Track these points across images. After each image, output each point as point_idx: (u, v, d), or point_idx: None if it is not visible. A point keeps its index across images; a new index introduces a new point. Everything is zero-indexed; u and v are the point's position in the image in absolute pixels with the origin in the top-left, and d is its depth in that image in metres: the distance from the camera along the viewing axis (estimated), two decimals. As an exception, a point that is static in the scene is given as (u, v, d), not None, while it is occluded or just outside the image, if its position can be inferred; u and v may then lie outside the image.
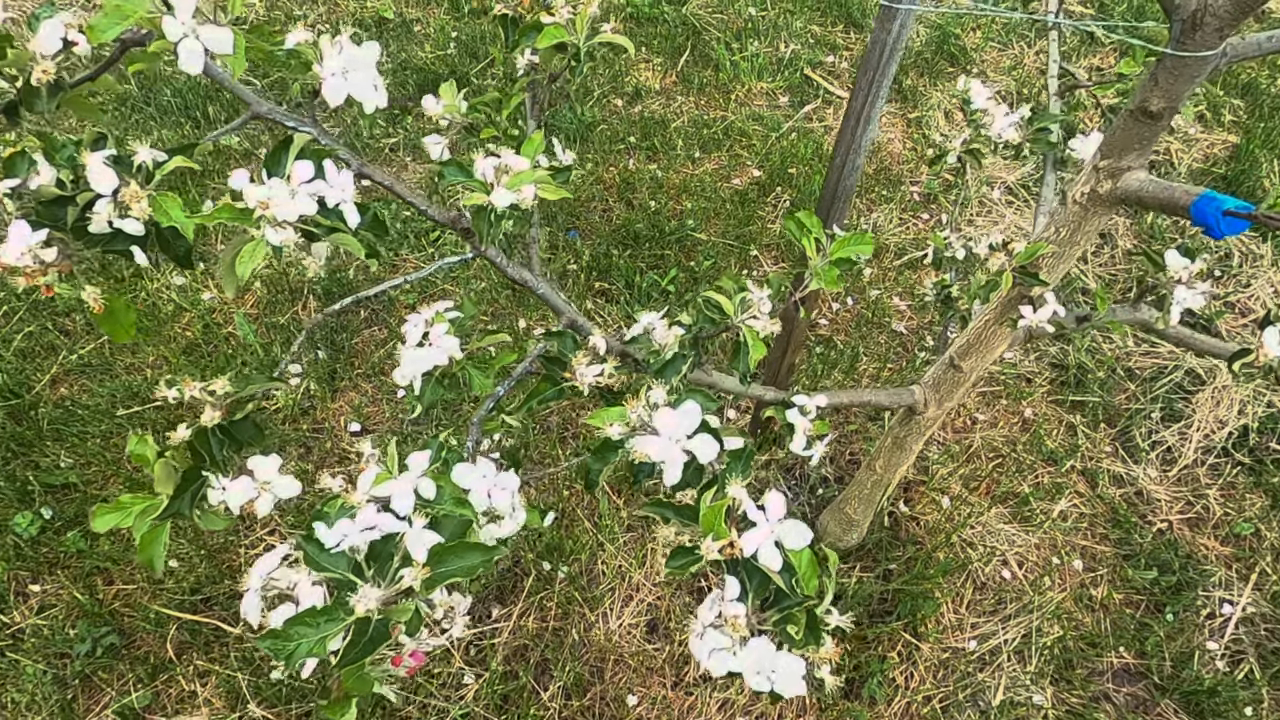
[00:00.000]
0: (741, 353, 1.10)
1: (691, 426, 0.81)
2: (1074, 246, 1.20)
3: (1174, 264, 1.26)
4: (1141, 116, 1.04)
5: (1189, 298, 1.26)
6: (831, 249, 1.30)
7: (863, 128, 1.36)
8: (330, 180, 0.86)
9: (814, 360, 2.38)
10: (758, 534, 0.73)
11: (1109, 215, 1.15)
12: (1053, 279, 1.25)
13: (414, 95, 3.05)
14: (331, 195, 0.85)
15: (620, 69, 3.26)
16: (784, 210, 2.85)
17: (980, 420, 2.37)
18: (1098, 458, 2.33)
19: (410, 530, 0.68)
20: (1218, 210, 0.95)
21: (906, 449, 1.62)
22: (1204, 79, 1.00)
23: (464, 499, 0.78)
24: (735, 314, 1.15)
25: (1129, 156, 1.08)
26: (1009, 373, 2.48)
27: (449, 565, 0.67)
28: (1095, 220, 1.15)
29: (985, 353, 1.39)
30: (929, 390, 1.51)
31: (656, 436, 0.81)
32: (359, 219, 0.90)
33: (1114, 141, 1.08)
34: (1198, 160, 3.18)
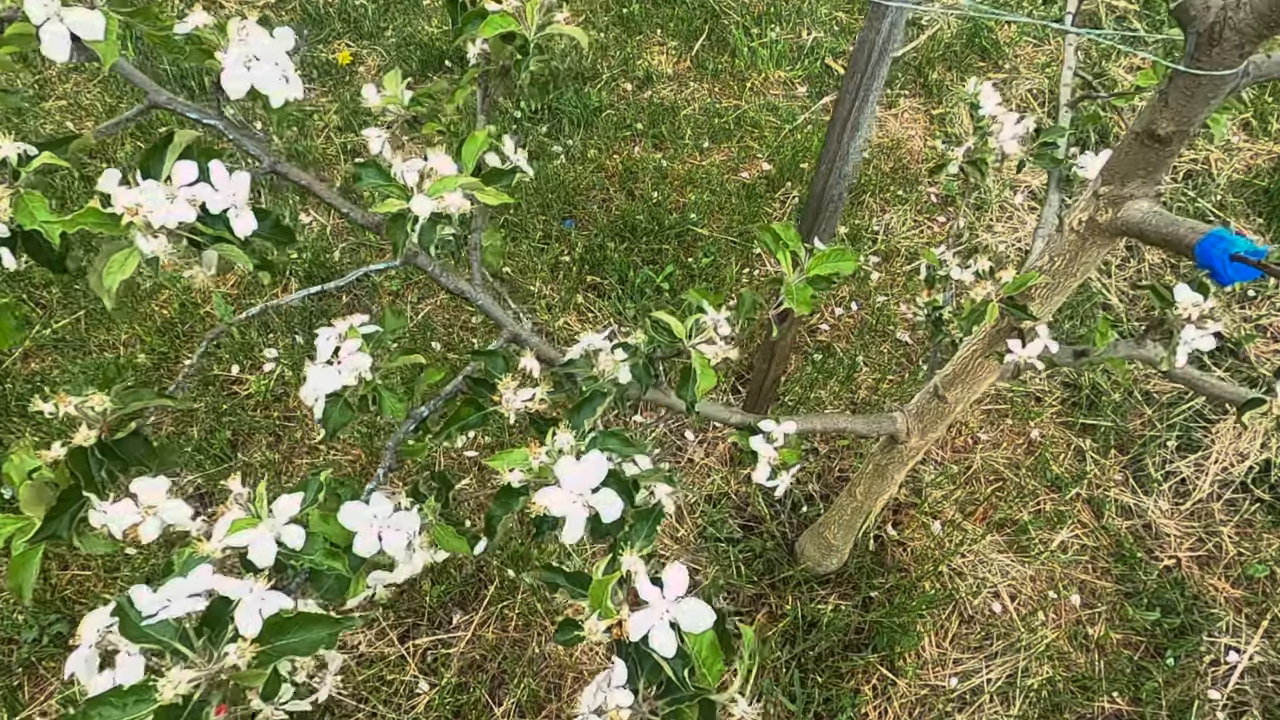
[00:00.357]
0: (690, 380, 1.01)
1: (596, 480, 0.72)
2: (1070, 278, 1.08)
3: (1184, 300, 1.14)
4: (1148, 140, 0.92)
5: (1198, 339, 1.14)
6: (809, 265, 1.20)
7: (850, 134, 1.25)
8: (217, 183, 0.77)
9: (809, 369, 2.27)
10: (649, 615, 0.64)
11: (1110, 246, 1.03)
12: (1045, 312, 1.14)
13: (417, 73, 2.96)
14: (216, 200, 0.77)
15: (632, 51, 3.14)
16: (793, 207, 2.73)
17: (983, 440, 2.25)
18: (1106, 486, 2.20)
19: (247, 596, 0.60)
20: (1225, 253, 0.83)
21: (888, 478, 1.52)
22: (1222, 101, 0.88)
23: (336, 551, 0.70)
24: (686, 337, 1.05)
25: (1133, 183, 0.96)
26: (1018, 391, 2.35)
27: (289, 638, 0.59)
28: (1094, 251, 1.04)
29: (972, 384, 1.28)
30: (912, 419, 1.40)
31: (558, 488, 0.72)
32: (254, 225, 0.81)
33: (1117, 166, 0.97)
34: (1239, 171, 3.00)
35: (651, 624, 0.64)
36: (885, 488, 1.54)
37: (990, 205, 2.83)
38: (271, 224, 0.84)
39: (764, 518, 1.90)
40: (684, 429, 2.14)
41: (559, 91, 2.92)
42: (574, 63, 3.03)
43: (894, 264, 2.63)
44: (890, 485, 1.54)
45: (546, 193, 2.62)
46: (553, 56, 3.03)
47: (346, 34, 3.06)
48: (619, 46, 3.14)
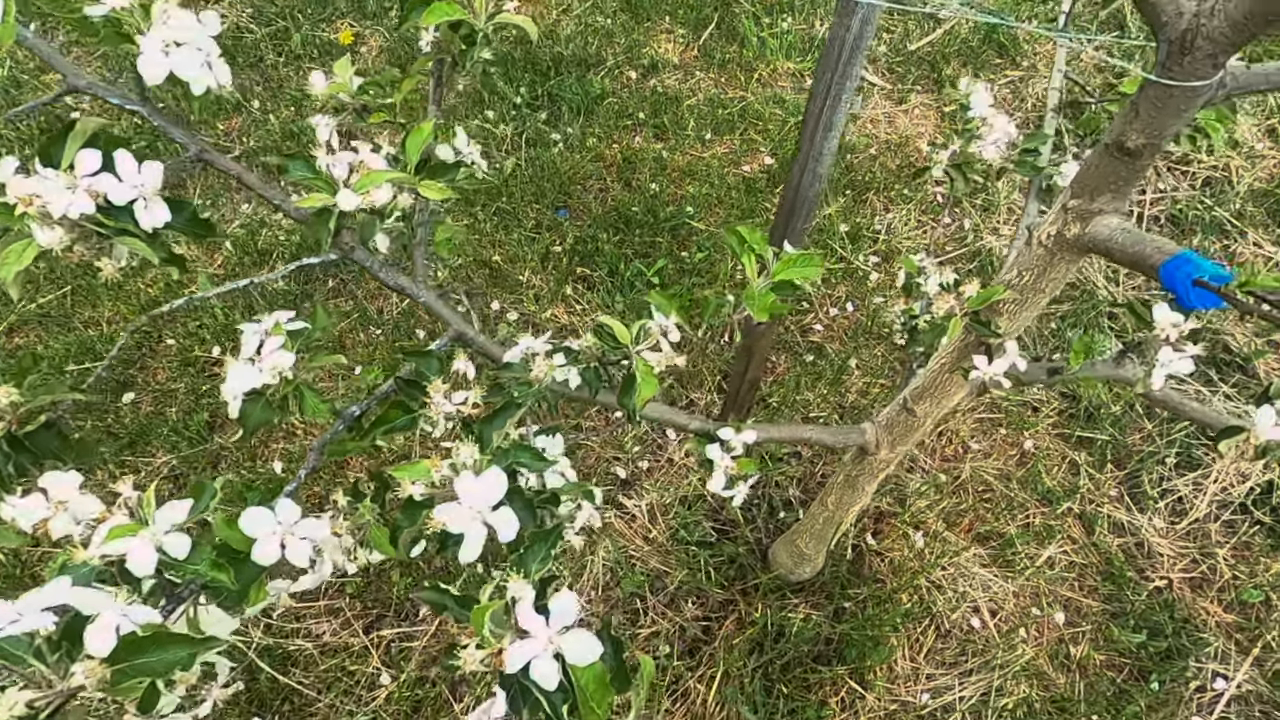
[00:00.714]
0: (632, 388, 0.97)
1: (495, 496, 0.69)
2: (1038, 294, 1.03)
3: (1162, 320, 1.09)
4: (1117, 153, 0.86)
5: (1175, 361, 1.09)
6: (775, 270, 1.16)
7: (823, 133, 1.20)
8: (123, 173, 0.74)
9: (797, 370, 2.22)
10: (530, 645, 0.60)
11: (1079, 262, 0.98)
12: (1014, 328, 1.09)
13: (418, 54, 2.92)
14: (120, 191, 0.74)
15: (639, 38, 3.08)
16: (793, 203, 2.67)
17: (974, 449, 2.19)
18: (1099, 501, 2.14)
19: (106, 610, 0.57)
20: (1188, 277, 0.78)
21: (859, 489, 1.47)
22: (1195, 113, 0.82)
23: (222, 562, 0.67)
24: (632, 342, 1.01)
25: (1102, 198, 0.91)
26: (1013, 399, 2.29)
27: (145, 658, 0.57)
28: (1063, 267, 0.99)
29: (941, 399, 1.23)
30: (882, 430, 1.35)
31: (457, 504, 0.69)
32: (166, 218, 0.78)
33: (1086, 179, 0.91)
34: (1261, 179, 2.90)
35: (533, 655, 0.60)
36: (856, 499, 1.50)
37: (998, 207, 2.75)
38: (188, 216, 0.82)
39: (738, 522, 1.86)
40: (666, 427, 2.10)
41: (560, 78, 2.88)
42: (578, 49, 2.98)
43: (894, 265, 2.57)
44: (861, 496, 1.50)
45: (541, 181, 2.58)
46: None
47: (351, 13, 3.03)
48: (625, 33, 3.09)
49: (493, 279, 2.36)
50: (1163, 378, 1.10)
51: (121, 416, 2.01)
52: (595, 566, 1.81)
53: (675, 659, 1.70)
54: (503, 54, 2.93)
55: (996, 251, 2.61)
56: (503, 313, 2.31)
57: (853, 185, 2.73)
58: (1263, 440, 1.04)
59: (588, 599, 1.78)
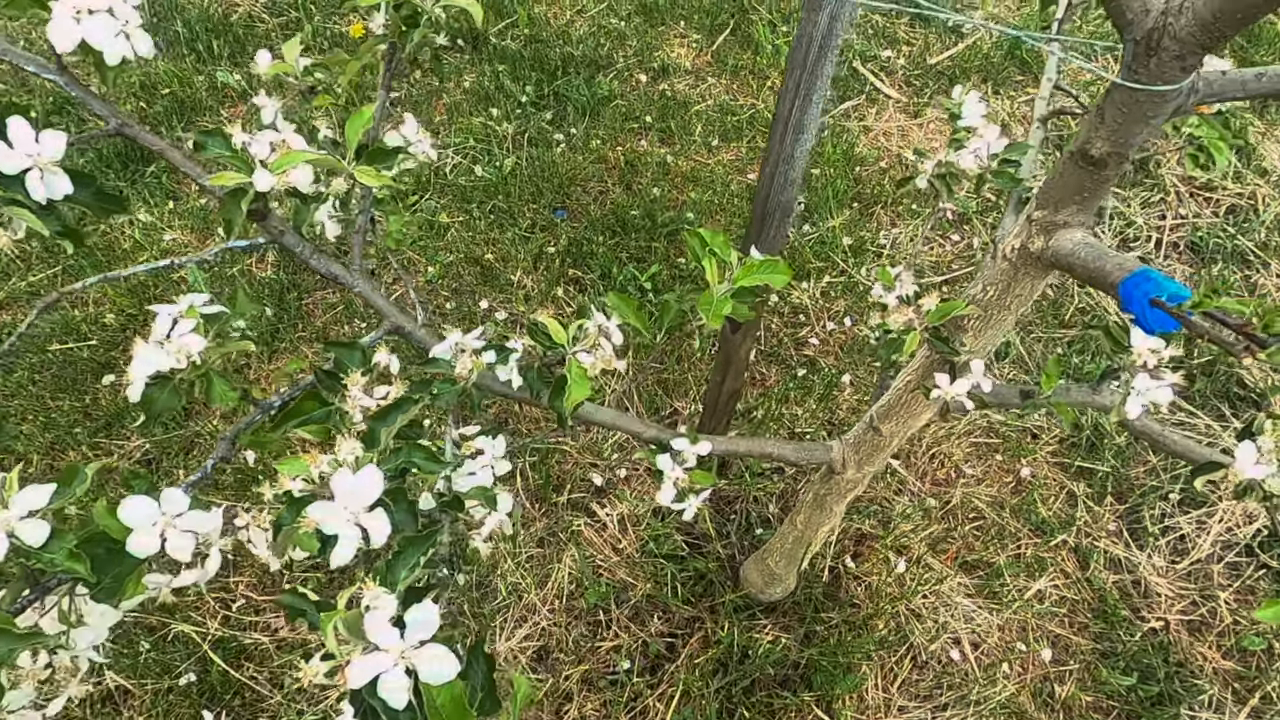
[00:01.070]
0: (563, 390, 0.93)
1: (370, 496, 0.64)
2: (1003, 310, 0.97)
3: (1139, 346, 1.02)
4: (1082, 162, 0.80)
5: (1152, 390, 1.02)
6: (736, 276, 1.11)
7: (794, 135, 1.14)
8: (16, 141, 0.71)
9: (787, 384, 2.16)
10: (379, 660, 0.56)
11: (1045, 279, 0.92)
12: (979, 345, 1.02)
13: (428, 50, 2.90)
14: (10, 160, 0.71)
15: (652, 42, 3.04)
16: (797, 215, 2.62)
17: (967, 474, 2.12)
18: (1096, 535, 2.05)
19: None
20: (1146, 296, 0.72)
21: (827, 509, 1.41)
22: (1164, 121, 0.76)
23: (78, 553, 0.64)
24: (567, 343, 0.97)
25: (1067, 210, 0.84)
26: (1012, 424, 2.21)
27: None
28: (1028, 282, 0.93)
29: (907, 418, 1.17)
30: (849, 449, 1.29)
31: (331, 503, 0.65)
32: (67, 189, 0.75)
33: (1051, 190, 0.85)
34: (1289, 208, 2.79)
35: (381, 670, 0.56)
36: (825, 519, 1.44)
37: (1009, 226, 2.67)
38: (94, 191, 0.78)
39: (711, 537, 1.80)
40: (648, 436, 2.05)
41: (567, 78, 2.85)
42: (588, 49, 2.95)
43: (896, 280, 2.49)
44: (830, 517, 1.43)
45: (540, 181, 2.55)
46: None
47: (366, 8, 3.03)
48: (638, 36, 3.05)
49: (483, 277, 2.32)
50: (1138, 406, 1.03)
51: (100, 399, 2.00)
52: (561, 575, 1.76)
53: (635, 675, 1.65)
54: (512, 53, 2.91)
55: (1004, 271, 2.53)
56: (491, 311, 2.27)
57: (860, 198, 2.66)
58: (1243, 477, 0.97)
59: (550, 608, 1.73)
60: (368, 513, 0.64)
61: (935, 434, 2.15)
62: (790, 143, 1.15)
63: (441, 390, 0.88)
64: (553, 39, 2.99)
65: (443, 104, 2.77)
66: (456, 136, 2.65)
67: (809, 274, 2.46)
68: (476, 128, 2.68)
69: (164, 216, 2.34)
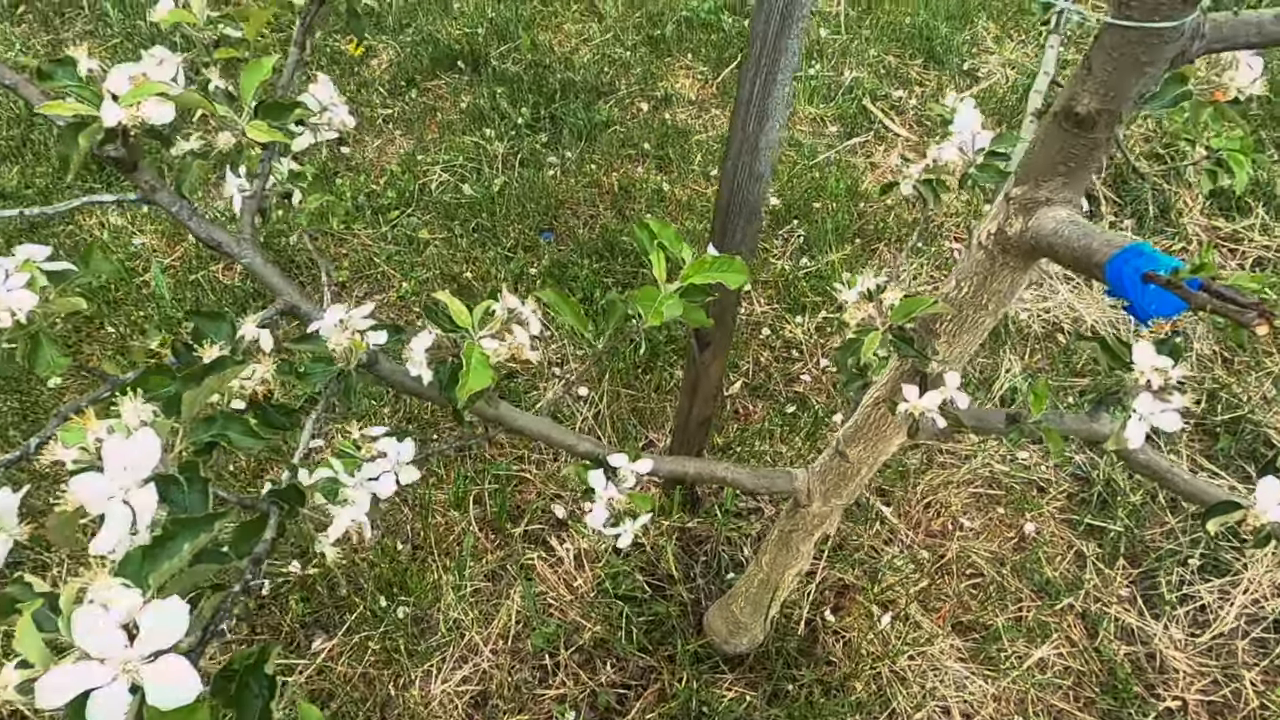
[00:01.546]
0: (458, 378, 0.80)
1: (146, 467, 0.51)
2: (980, 310, 0.83)
3: (1143, 362, 0.87)
4: (1067, 122, 0.68)
5: (1157, 413, 0.87)
6: (685, 273, 0.99)
7: (757, 121, 1.03)
8: None
9: (772, 420, 2.01)
10: (90, 673, 0.42)
11: (1025, 272, 0.78)
12: (953, 354, 0.88)
13: (426, 70, 2.86)
14: None
15: (656, 71, 2.98)
16: (795, 247, 2.50)
17: (966, 526, 1.94)
18: (1107, 600, 1.86)
19: None
20: (1137, 271, 0.58)
21: (793, 548, 1.26)
22: (1161, 69, 0.63)
23: None
24: (474, 327, 0.84)
25: (1050, 184, 0.71)
26: (1017, 475, 2.04)
27: None
28: (1006, 276, 0.79)
29: (876, 442, 1.02)
30: (815, 478, 1.14)
31: (100, 475, 0.52)
32: None
33: (1032, 161, 0.72)
34: (1320, 263, 2.63)
35: (95, 684, 0.42)
36: (792, 560, 1.28)
37: (1020, 269, 2.53)
38: None
39: (675, 578, 1.64)
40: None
41: (566, 101, 2.78)
42: (590, 76, 2.89)
43: (897, 319, 2.36)
44: (797, 558, 1.28)
45: (529, 201, 2.45)
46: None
47: (367, 27, 3.00)
48: (643, 65, 2.99)
49: (459, 295, 2.21)
50: (1141, 433, 0.88)
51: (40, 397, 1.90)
52: (508, 613, 1.60)
53: (581, 729, 1.48)
54: (511, 75, 2.85)
55: (1013, 314, 2.38)
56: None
57: (862, 234, 2.55)
58: (1264, 520, 0.81)
59: (494, 648, 1.57)
60: (140, 487, 0.51)
61: (931, 481, 1.99)
62: (754, 130, 1.04)
63: (312, 371, 0.76)
64: (555, 64, 2.93)
65: (436, 122, 2.71)
66: (446, 154, 2.58)
67: (804, 308, 2.33)
68: (468, 146, 2.61)
69: (135, 220, 2.27)
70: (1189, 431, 2.21)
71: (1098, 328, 2.39)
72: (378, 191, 2.44)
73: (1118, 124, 0.66)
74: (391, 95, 2.78)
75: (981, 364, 2.28)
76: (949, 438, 2.09)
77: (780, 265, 2.44)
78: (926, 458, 2.04)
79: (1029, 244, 0.72)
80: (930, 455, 2.05)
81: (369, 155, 2.59)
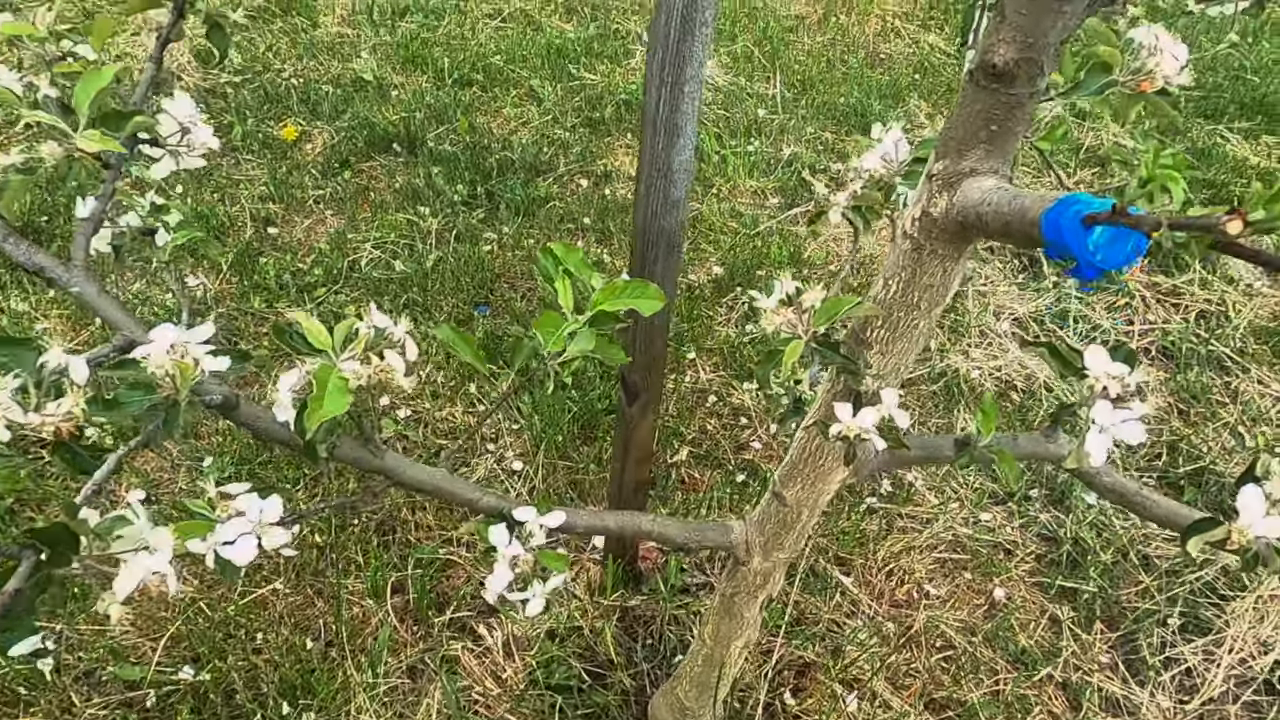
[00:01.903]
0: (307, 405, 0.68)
1: None
2: (914, 311, 0.74)
3: (1097, 367, 0.79)
4: (985, 78, 0.61)
5: (1117, 424, 0.78)
6: (595, 299, 0.90)
7: (666, 139, 0.96)
8: None
9: (721, 489, 1.89)
10: None
11: (958, 259, 0.70)
12: (888, 365, 0.79)
13: (361, 152, 2.82)
14: None
15: (596, 151, 2.98)
16: (740, 314, 2.44)
17: (932, 594, 1.81)
18: (1088, 668, 1.73)
19: None
20: (1078, 217, 0.50)
21: (737, 615, 1.12)
22: (1080, 11, 0.57)
23: None
24: (334, 350, 0.73)
25: (973, 154, 0.64)
26: (982, 539, 1.93)
27: None
28: (938, 266, 0.70)
29: (814, 479, 0.91)
30: (753, 528, 1.02)
31: None
32: None
33: (952, 131, 0.65)
34: (1262, 316, 2.64)
35: None
36: (737, 629, 1.14)
37: (969, 329, 2.50)
38: None
39: (616, 664, 1.48)
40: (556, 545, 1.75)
41: (504, 178, 2.75)
42: (529, 155, 2.87)
43: (847, 382, 2.28)
44: (743, 626, 1.14)
45: (463, 275, 2.37)
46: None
47: (302, 114, 2.97)
48: (582, 144, 2.99)
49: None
50: (1103, 448, 0.78)
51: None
52: (428, 713, 1.42)
53: (509, 847, 1.28)
54: (448, 155, 2.82)
55: (965, 373, 2.32)
56: (392, 408, 2.03)
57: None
58: (1249, 537, 0.71)
59: (410, 756, 1.38)
60: None
61: (892, 548, 1.86)
62: (664, 148, 0.97)
63: (125, 399, 0.63)
64: (494, 144, 2.92)
65: (369, 201, 2.65)
66: (378, 231, 2.50)
67: (752, 374, 2.25)
68: (401, 224, 2.54)
69: (40, 305, 2.14)
70: (1153, 488, 2.13)
71: (1049, 383, 2.33)
72: (304, 270, 2.34)
73: (1039, 77, 0.59)
74: (324, 176, 2.72)
75: (936, 424, 2.20)
76: (892, 470, 1.98)
77: (725, 332, 2.36)
78: (886, 523, 1.93)
79: (956, 221, 0.64)
80: (890, 520, 1.94)
81: (297, 235, 2.50)
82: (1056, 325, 2.57)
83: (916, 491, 2.02)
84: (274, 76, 3.13)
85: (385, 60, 3.33)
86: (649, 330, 1.19)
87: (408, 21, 3.59)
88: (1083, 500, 2.03)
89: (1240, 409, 2.31)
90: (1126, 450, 2.19)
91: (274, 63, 3.23)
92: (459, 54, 3.38)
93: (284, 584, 1.63)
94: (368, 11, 3.59)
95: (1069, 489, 2.05)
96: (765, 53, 3.65)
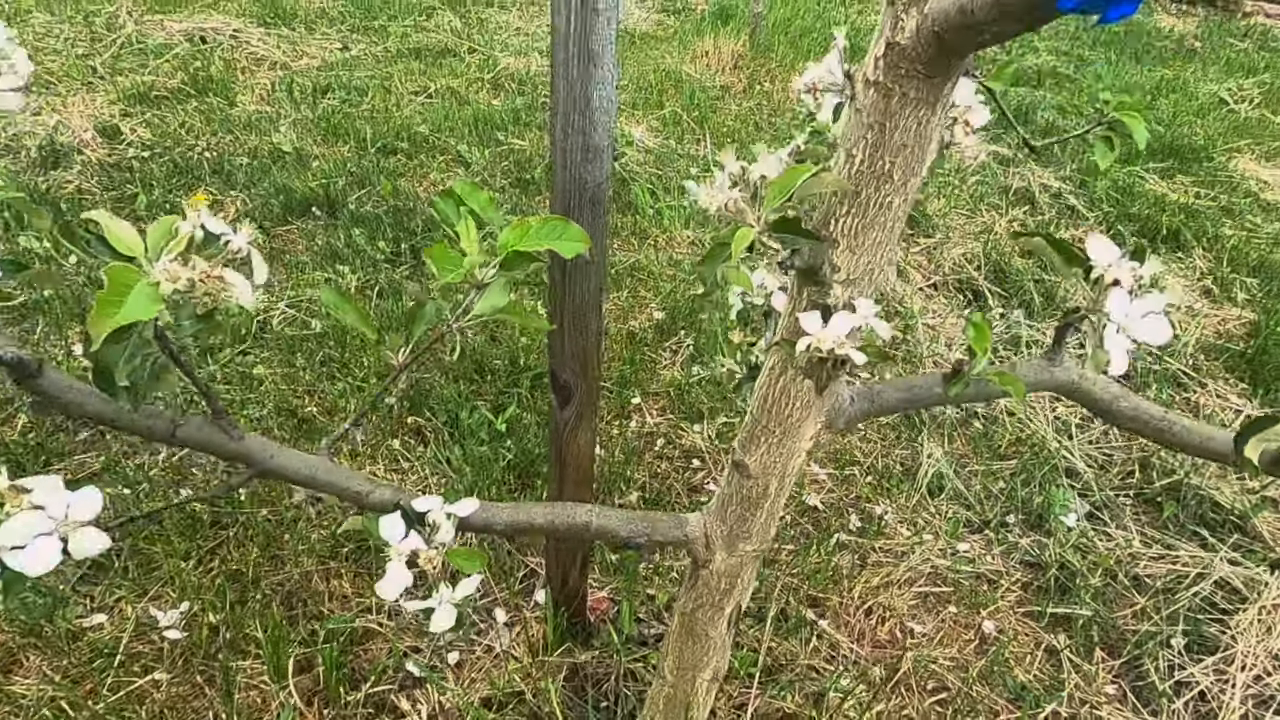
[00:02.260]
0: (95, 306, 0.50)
1: None
2: (885, 184, 0.61)
3: (1102, 256, 0.66)
4: None
5: (1136, 319, 0.65)
6: (505, 238, 0.77)
7: (581, 68, 0.84)
8: None
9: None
10: None
11: (935, 99, 0.57)
12: (858, 266, 0.65)
13: (278, 217, 2.68)
14: None
15: (527, 209, 2.88)
16: (685, 357, 2.31)
17: (917, 632, 1.63)
18: (1095, 701, 1.55)
19: None
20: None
21: (700, 636, 0.93)
22: None
23: None
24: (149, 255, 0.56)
25: (942, -45, 0.52)
26: (963, 569, 1.77)
27: None
28: (911, 116, 0.58)
29: (783, 436, 0.75)
30: (713, 518, 0.85)
31: None
32: None
33: (913, -65, 0.53)
34: (1208, 334, 2.61)
35: None
36: (702, 654, 0.95)
37: (922, 360, 2.40)
38: None
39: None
40: (494, 606, 1.53)
41: (429, 234, 2.62)
42: (455, 212, 2.76)
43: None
44: (708, 650, 0.95)
45: (387, 330, 2.20)
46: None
47: (215, 184, 2.83)
48: (511, 202, 2.90)
49: (300, 430, 1.89)
50: (1123, 350, 0.65)
51: None
52: (338, 808, 1.16)
53: None
54: (370, 216, 2.69)
55: (923, 402, 2.21)
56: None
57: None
58: None
59: None
60: None
61: (869, 583, 1.69)
62: (579, 77, 0.84)
63: None
64: (419, 205, 2.80)
65: (284, 264, 2.48)
66: (293, 291, 2.33)
67: (702, 415, 2.10)
68: (319, 282, 2.38)
69: None
70: (1131, 505, 2.02)
71: (1010, 408, 2.23)
72: (208, 330, 2.14)
73: None
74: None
75: (901, 454, 2.07)
76: (873, 418, 1.80)
77: (671, 374, 2.22)
78: (859, 558, 1.76)
79: (933, 34, 0.52)
80: (863, 555, 1.77)
81: (203, 298, 2.31)
82: (1010, 352, 2.50)
83: (887, 525, 1.86)
84: (185, 150, 3.00)
85: (306, 133, 3.23)
86: (579, 308, 1.04)
87: (329, 99, 3.53)
88: (1062, 523, 1.90)
89: (1205, 422, 2.24)
90: (1099, 469, 2.08)
91: (186, 138, 3.10)
92: (383, 125, 3.31)
93: (166, 672, 1.37)
94: (287, 90, 3.52)
95: (1046, 512, 1.92)
96: (694, 117, 3.67)
